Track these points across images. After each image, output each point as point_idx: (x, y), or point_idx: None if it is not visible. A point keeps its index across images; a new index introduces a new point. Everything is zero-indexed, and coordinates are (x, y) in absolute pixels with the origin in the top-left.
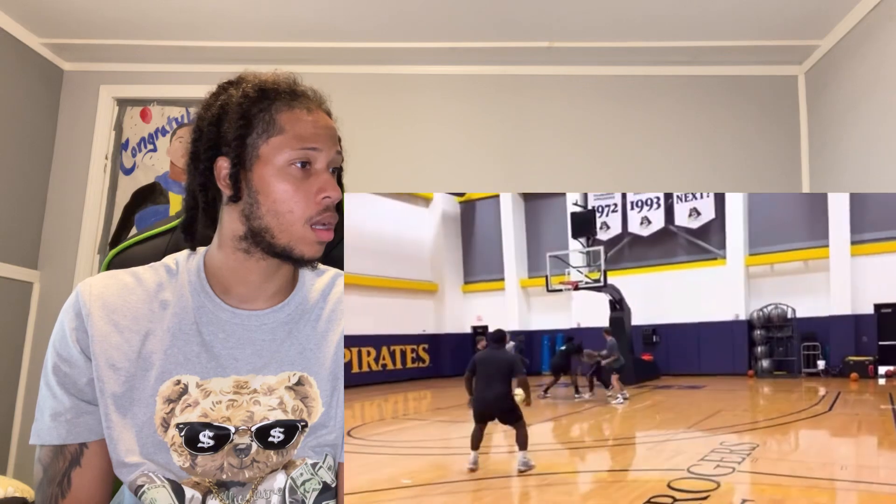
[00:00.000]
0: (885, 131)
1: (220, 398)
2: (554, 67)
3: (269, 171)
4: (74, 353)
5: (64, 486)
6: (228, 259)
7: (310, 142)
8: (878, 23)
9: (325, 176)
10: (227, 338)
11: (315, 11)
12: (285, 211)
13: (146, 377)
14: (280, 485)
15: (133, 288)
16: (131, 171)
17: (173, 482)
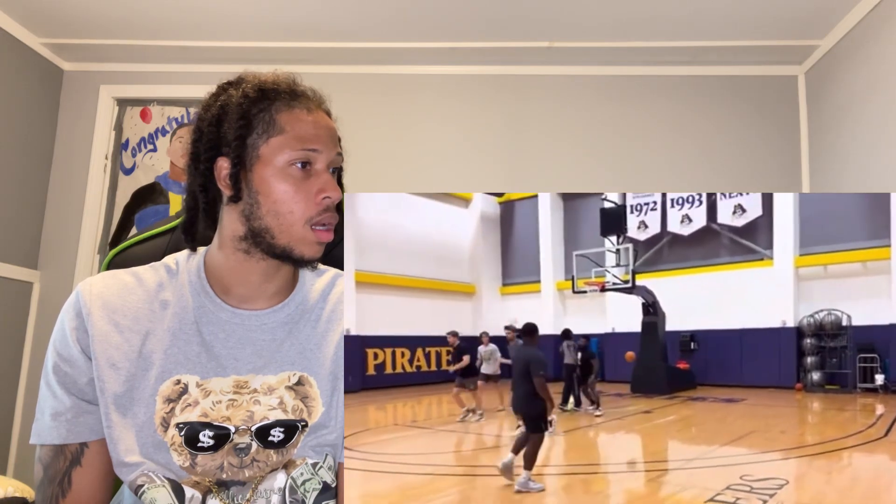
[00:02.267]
0: (885, 131)
1: (220, 398)
2: (554, 67)
3: (270, 172)
4: (75, 352)
5: (64, 486)
6: (228, 259)
7: (310, 142)
8: (878, 23)
9: (325, 176)
10: (227, 338)
11: (315, 11)
12: (286, 211)
13: (146, 377)
14: (280, 484)
15: (133, 288)
16: (131, 171)
17: (173, 482)
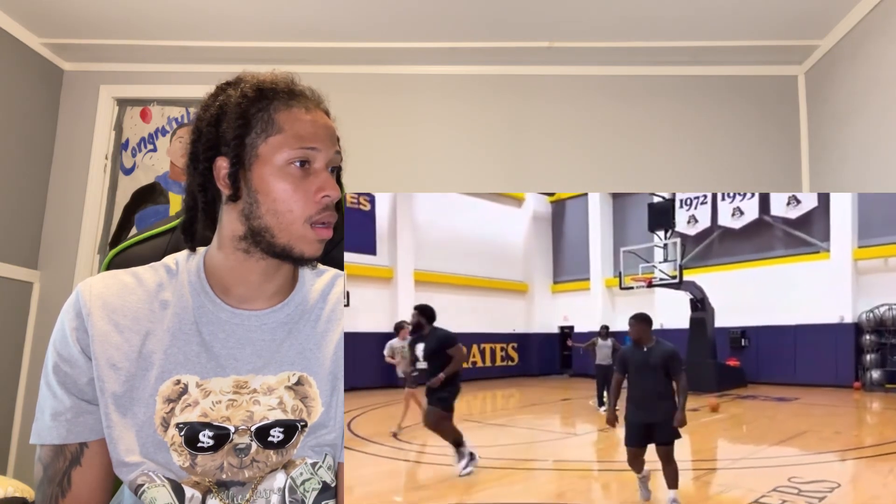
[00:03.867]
0: (885, 131)
1: (219, 398)
2: (554, 67)
3: (268, 171)
4: (75, 352)
5: (64, 486)
6: (228, 259)
7: (308, 141)
8: (878, 23)
9: (324, 175)
10: (226, 338)
11: (315, 11)
12: (285, 210)
13: (146, 377)
14: (280, 484)
15: (133, 288)
16: (131, 171)
17: (173, 481)
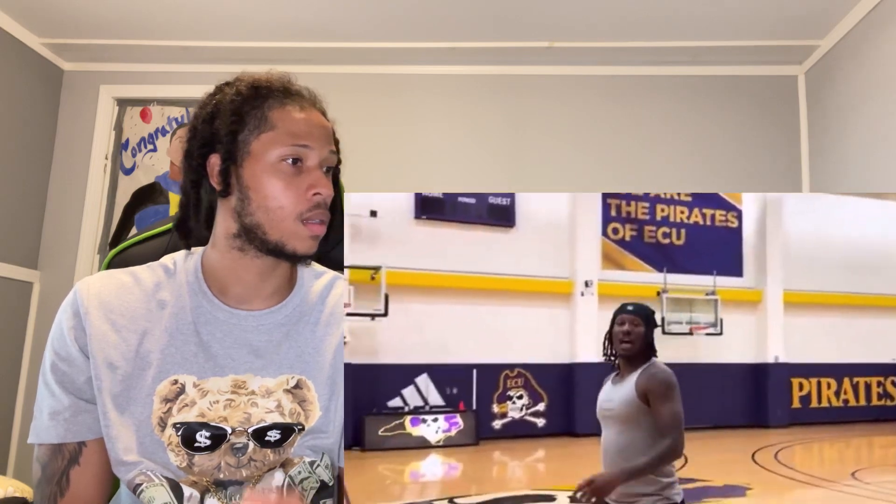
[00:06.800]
0: (885, 131)
1: (217, 398)
2: (554, 67)
3: (260, 168)
4: (73, 351)
5: (63, 485)
6: (224, 258)
7: (301, 139)
8: (878, 23)
9: (316, 173)
10: (224, 338)
11: (315, 11)
12: (275, 207)
13: (143, 376)
14: (278, 483)
15: (131, 287)
16: (131, 171)
17: (171, 480)
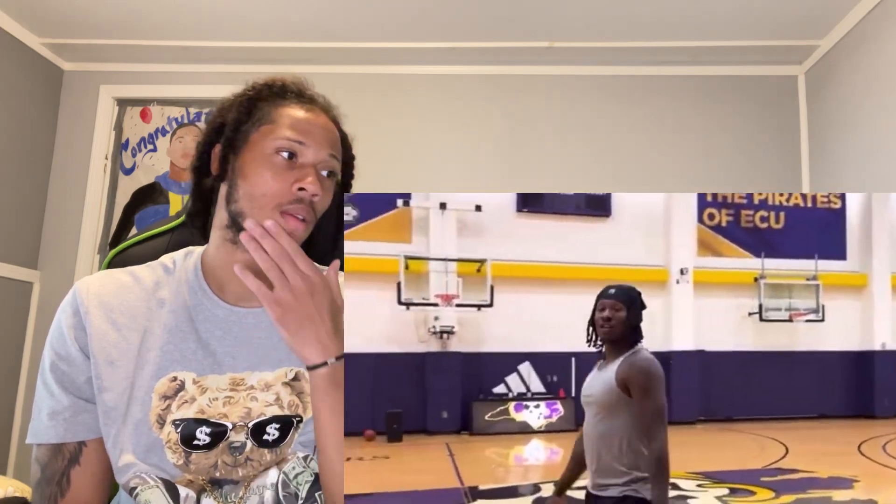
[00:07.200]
0: (885, 131)
1: (216, 395)
2: (554, 67)
3: (254, 156)
4: (73, 350)
5: (63, 486)
6: (219, 251)
7: (297, 135)
8: (878, 23)
9: (308, 170)
10: (223, 335)
11: (315, 11)
12: (259, 195)
13: (142, 375)
14: (273, 480)
15: (130, 286)
16: (131, 171)
17: (167, 482)
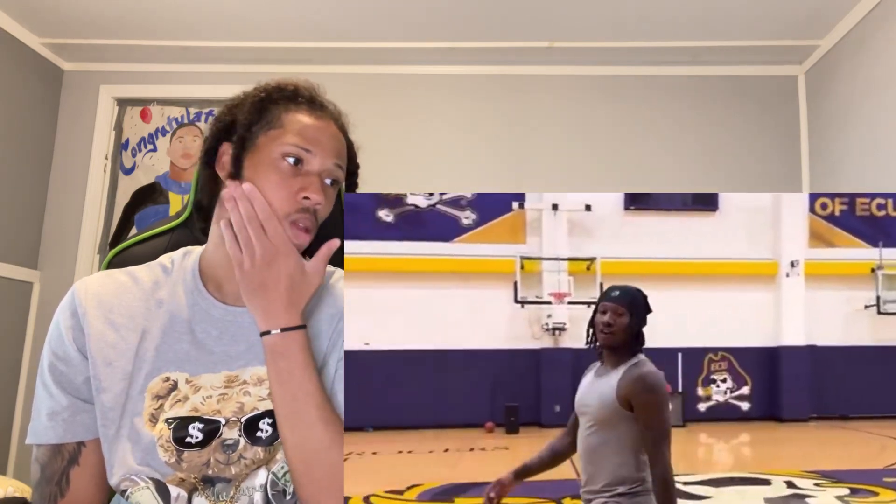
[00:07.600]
0: (885, 131)
1: (210, 392)
2: (554, 67)
3: (260, 160)
4: (71, 351)
5: (63, 486)
6: (217, 251)
7: (306, 142)
8: (878, 23)
9: (313, 179)
10: (220, 335)
11: (315, 11)
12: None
13: (139, 375)
14: (262, 481)
15: (129, 287)
16: (131, 171)
17: (157, 482)
